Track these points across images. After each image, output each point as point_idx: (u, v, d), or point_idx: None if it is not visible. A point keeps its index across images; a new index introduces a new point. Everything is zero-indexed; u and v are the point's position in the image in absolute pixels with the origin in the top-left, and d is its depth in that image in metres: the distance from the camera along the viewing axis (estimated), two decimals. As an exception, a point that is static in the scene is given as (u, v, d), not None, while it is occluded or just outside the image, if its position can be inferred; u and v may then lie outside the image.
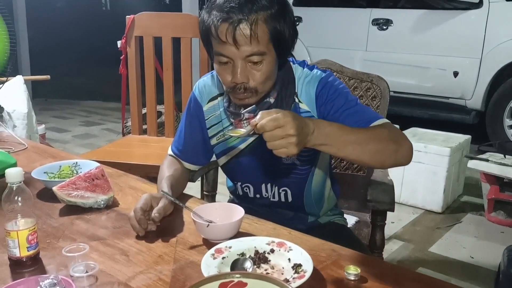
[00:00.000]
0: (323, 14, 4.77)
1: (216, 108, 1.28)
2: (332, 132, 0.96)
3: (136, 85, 2.45)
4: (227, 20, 1.04)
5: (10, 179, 0.93)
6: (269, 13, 1.06)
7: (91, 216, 1.17)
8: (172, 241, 1.04)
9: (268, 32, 1.06)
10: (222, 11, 1.05)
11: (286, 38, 1.10)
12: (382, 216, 1.39)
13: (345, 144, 0.97)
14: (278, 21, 1.07)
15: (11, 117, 2.50)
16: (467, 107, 4.11)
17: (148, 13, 2.43)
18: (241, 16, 1.03)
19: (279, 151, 0.90)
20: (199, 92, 1.31)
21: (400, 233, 2.64)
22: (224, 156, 1.32)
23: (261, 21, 1.05)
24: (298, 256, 0.93)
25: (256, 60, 1.08)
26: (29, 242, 0.94)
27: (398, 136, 1.06)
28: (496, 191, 2.72)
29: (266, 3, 1.06)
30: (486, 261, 2.33)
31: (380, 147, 1.02)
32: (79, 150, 4.18)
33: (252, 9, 1.04)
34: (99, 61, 8.27)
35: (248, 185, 1.33)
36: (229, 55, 1.08)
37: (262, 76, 1.10)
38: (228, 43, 1.06)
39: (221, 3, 1.06)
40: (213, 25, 1.07)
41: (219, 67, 1.12)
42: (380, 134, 1.03)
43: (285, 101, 1.18)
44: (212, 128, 1.30)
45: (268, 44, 1.08)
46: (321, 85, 1.17)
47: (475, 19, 3.94)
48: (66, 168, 1.41)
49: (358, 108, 1.13)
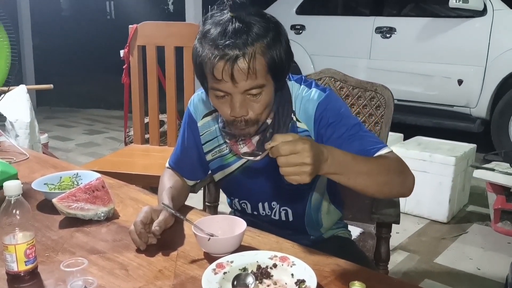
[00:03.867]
0: (327, 22, 4.76)
1: (211, 124, 1.25)
2: (345, 161, 0.94)
3: (138, 94, 2.45)
4: (223, 58, 0.98)
5: (8, 192, 0.91)
6: (265, 43, 1.00)
7: (91, 229, 1.15)
8: (172, 255, 1.02)
9: (265, 64, 1.01)
10: (217, 48, 0.98)
11: (284, 64, 1.06)
12: (388, 229, 1.37)
13: (357, 175, 0.96)
14: (275, 49, 1.02)
15: (14, 126, 2.49)
16: (471, 116, 4.07)
17: (151, 22, 2.43)
18: (237, 52, 0.97)
19: (291, 178, 0.86)
20: (193, 107, 1.28)
21: (406, 244, 2.60)
22: (220, 172, 1.29)
23: (258, 54, 0.99)
24: (302, 271, 0.90)
25: (255, 93, 1.03)
26: (27, 256, 0.92)
27: (404, 168, 1.05)
28: (502, 201, 2.69)
29: (261, 32, 1.00)
30: (493, 272, 2.29)
31: (389, 179, 1.01)
32: (82, 159, 4.18)
33: (247, 42, 0.98)
34: (103, 69, 8.31)
35: (245, 202, 1.30)
36: (227, 91, 1.02)
37: (262, 107, 1.06)
38: (225, 81, 1.00)
39: (215, 37, 0.99)
40: (208, 62, 1.00)
41: (216, 101, 1.07)
42: (389, 166, 1.02)
43: (282, 120, 1.13)
44: (207, 144, 1.27)
45: (267, 75, 1.03)
46: (321, 108, 1.12)
47: (479, 27, 3.92)
48: (66, 179, 1.39)
49: (361, 134, 1.10)
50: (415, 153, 2.92)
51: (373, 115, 1.56)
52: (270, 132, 1.13)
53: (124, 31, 2.49)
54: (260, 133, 1.13)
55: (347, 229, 1.42)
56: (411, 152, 2.92)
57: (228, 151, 1.23)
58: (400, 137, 3.37)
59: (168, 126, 2.51)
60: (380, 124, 1.55)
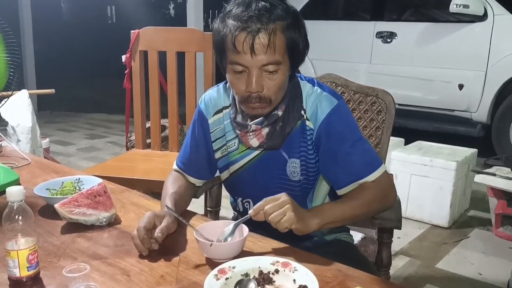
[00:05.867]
0: (327, 27, 4.78)
1: (221, 121, 1.28)
2: (333, 215, 1.12)
3: (140, 99, 2.45)
4: (245, 30, 1.04)
5: (10, 197, 0.91)
6: (286, 23, 1.07)
7: (92, 234, 1.15)
8: (174, 260, 1.02)
9: (284, 42, 1.08)
10: (240, 20, 1.05)
11: (300, 49, 1.12)
12: (389, 234, 1.37)
13: (343, 221, 1.16)
14: (294, 32, 1.09)
15: (15, 131, 2.50)
16: (472, 120, 4.08)
17: (152, 27, 2.43)
18: (259, 25, 1.04)
19: (280, 223, 1.01)
20: (204, 105, 1.30)
21: (407, 249, 2.60)
22: (226, 171, 1.31)
23: (279, 31, 1.06)
24: (304, 276, 0.90)
25: (271, 70, 1.08)
26: (29, 261, 0.92)
27: (387, 191, 1.20)
28: (503, 206, 2.68)
29: (282, 13, 1.07)
30: (495, 277, 2.29)
31: (371, 209, 1.19)
32: (83, 163, 4.18)
33: (270, 19, 1.05)
34: (104, 74, 8.34)
35: (249, 201, 1.31)
36: (245, 64, 1.08)
37: (277, 86, 1.11)
38: (245, 53, 1.06)
39: (238, 12, 1.06)
40: (230, 34, 1.06)
41: (233, 76, 1.12)
42: (372, 197, 1.17)
43: (292, 115, 1.18)
44: (217, 142, 1.29)
45: (284, 54, 1.09)
46: (331, 116, 1.17)
47: (479, 32, 3.93)
48: (68, 184, 1.39)
49: (358, 152, 1.18)
50: (416, 157, 2.91)
51: (374, 120, 1.56)
52: (280, 125, 1.17)
53: (125, 35, 2.50)
54: (270, 125, 1.17)
55: (349, 233, 1.42)
56: (412, 157, 2.92)
57: (236, 147, 1.26)
58: (401, 141, 3.37)
59: (169, 131, 2.51)
60: (381, 129, 1.56)
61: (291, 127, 1.18)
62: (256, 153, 1.24)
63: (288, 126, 1.17)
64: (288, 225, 1.01)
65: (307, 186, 1.25)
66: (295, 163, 1.21)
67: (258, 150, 1.23)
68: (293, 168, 1.22)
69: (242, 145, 1.25)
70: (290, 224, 1.01)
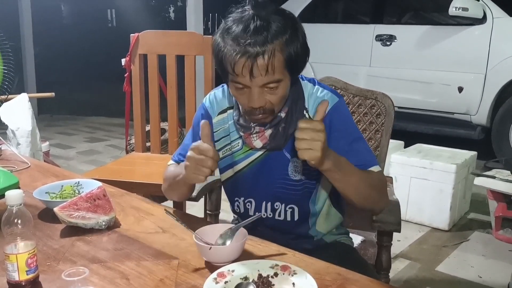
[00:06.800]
0: (327, 30, 4.79)
1: (226, 121, 1.29)
2: (343, 161, 1.09)
3: (140, 102, 2.45)
4: (244, 55, 1.04)
5: (9, 201, 0.91)
6: (284, 40, 1.06)
7: (92, 238, 1.15)
8: (173, 264, 1.02)
9: (283, 60, 1.08)
10: (239, 45, 1.05)
11: (300, 59, 1.13)
12: (389, 237, 1.36)
13: (350, 176, 1.10)
14: (292, 46, 1.08)
15: (15, 135, 2.49)
16: (472, 123, 4.08)
17: (152, 31, 2.44)
18: (257, 49, 1.04)
19: (303, 152, 0.99)
20: (209, 103, 1.31)
21: (407, 252, 2.60)
22: (229, 171, 1.31)
23: (277, 51, 1.06)
24: (303, 280, 0.91)
25: (272, 86, 1.10)
26: (28, 265, 0.92)
27: (383, 190, 1.20)
28: (503, 209, 2.68)
29: (280, 29, 1.06)
30: (495, 280, 2.29)
31: (370, 193, 1.15)
32: (83, 167, 4.18)
33: (267, 39, 1.04)
34: (104, 77, 8.34)
35: (251, 201, 1.31)
36: (246, 84, 1.09)
37: (279, 99, 1.13)
38: (244, 76, 1.07)
39: (237, 33, 1.06)
40: (229, 57, 1.07)
41: (236, 92, 1.14)
42: (373, 182, 1.15)
43: (295, 116, 1.19)
44: (220, 141, 1.30)
45: (284, 71, 1.09)
46: (335, 113, 1.19)
47: (479, 34, 3.94)
48: (68, 187, 1.39)
49: (358, 150, 1.18)
50: (415, 160, 2.91)
51: (373, 123, 1.57)
52: (283, 126, 1.19)
53: (125, 39, 2.51)
54: (273, 127, 1.19)
55: (349, 236, 1.42)
56: (411, 160, 2.92)
57: (240, 147, 1.27)
58: (400, 144, 3.37)
59: (169, 134, 2.51)
60: (380, 132, 1.56)
61: (294, 127, 1.17)
62: (259, 154, 1.25)
63: (291, 127, 1.18)
64: (308, 159, 1.00)
65: (309, 186, 1.25)
66: (297, 162, 1.22)
67: (261, 150, 1.24)
68: (294, 167, 1.22)
69: (246, 146, 1.26)
70: (310, 160, 1.00)
